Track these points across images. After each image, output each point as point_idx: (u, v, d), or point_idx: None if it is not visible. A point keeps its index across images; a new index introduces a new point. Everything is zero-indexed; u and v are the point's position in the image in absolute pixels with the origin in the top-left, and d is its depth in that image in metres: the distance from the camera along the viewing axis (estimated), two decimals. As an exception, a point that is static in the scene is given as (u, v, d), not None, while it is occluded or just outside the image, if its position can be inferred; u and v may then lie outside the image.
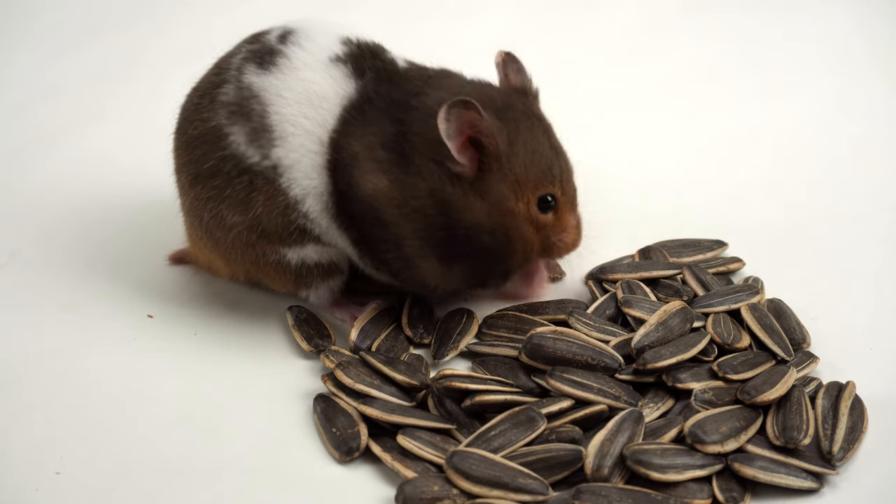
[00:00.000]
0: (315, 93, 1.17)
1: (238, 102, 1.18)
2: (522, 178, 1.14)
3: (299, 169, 1.17)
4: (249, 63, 1.20)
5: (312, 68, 1.18)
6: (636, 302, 1.18)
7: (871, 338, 1.22)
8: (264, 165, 1.17)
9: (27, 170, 1.57)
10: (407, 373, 1.12)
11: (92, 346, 1.23)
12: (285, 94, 1.17)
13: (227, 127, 1.18)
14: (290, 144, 1.17)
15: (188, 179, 1.23)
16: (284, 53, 1.19)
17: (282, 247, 1.21)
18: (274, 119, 1.17)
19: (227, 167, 1.19)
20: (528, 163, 1.15)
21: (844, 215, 1.43)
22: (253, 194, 1.18)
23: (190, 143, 1.22)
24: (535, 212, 1.16)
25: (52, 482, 1.05)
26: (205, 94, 1.22)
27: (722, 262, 1.31)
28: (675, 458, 1.01)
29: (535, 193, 1.15)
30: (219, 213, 1.20)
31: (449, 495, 0.99)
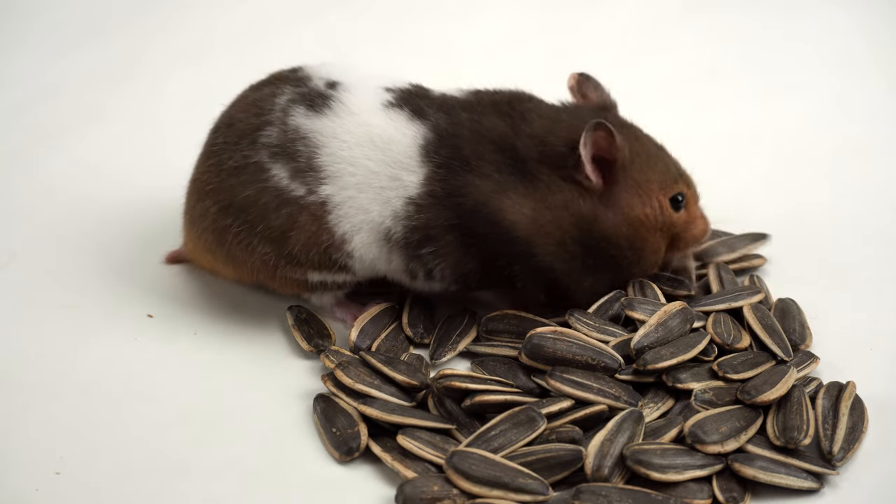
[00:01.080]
0: (378, 136, 1.18)
1: (282, 145, 1.18)
2: (645, 184, 1.20)
3: (352, 205, 1.18)
4: (297, 105, 1.20)
5: (370, 112, 1.19)
6: (638, 304, 1.18)
7: (871, 338, 1.22)
8: (310, 200, 1.18)
9: (27, 170, 1.57)
10: (407, 373, 1.12)
11: (92, 346, 1.23)
12: (343, 136, 1.18)
13: (268, 163, 1.18)
14: (344, 182, 1.17)
15: (217, 207, 1.21)
16: (338, 98, 1.20)
17: (310, 271, 1.21)
18: (324, 160, 1.18)
19: (266, 198, 1.18)
20: (646, 167, 1.21)
21: (844, 215, 1.44)
22: (291, 233, 1.18)
23: (224, 170, 1.21)
24: (670, 213, 1.21)
25: (52, 482, 1.05)
26: (244, 135, 1.21)
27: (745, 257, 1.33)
28: (675, 458, 1.01)
29: (665, 195, 1.21)
30: (249, 243, 1.20)
31: (449, 495, 0.99)
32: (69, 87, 1.76)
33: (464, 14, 1.94)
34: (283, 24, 1.87)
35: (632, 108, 1.70)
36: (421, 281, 1.23)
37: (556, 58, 1.80)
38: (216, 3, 1.94)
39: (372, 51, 1.78)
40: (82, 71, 1.79)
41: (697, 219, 1.25)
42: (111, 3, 1.94)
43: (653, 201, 1.20)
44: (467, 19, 1.92)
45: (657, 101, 1.72)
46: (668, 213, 1.21)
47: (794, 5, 1.89)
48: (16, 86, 1.76)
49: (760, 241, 1.35)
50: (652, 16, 1.91)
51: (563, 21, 1.91)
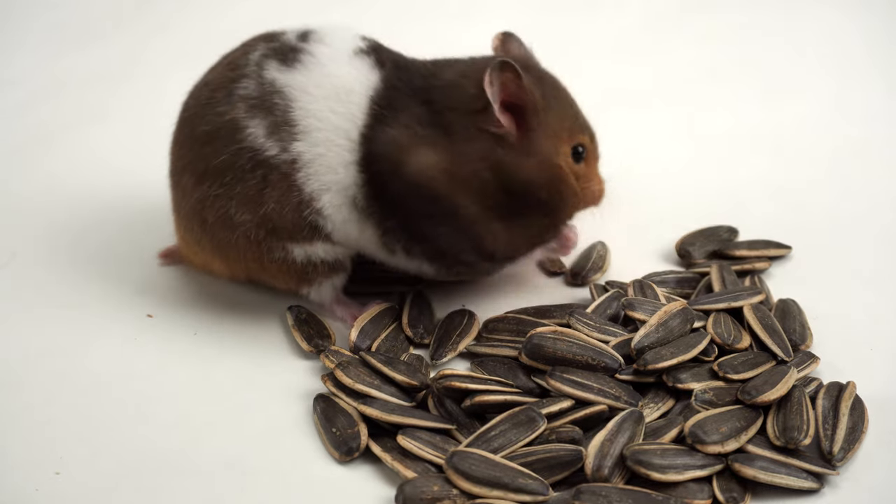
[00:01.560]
0: (342, 87, 1.18)
1: (259, 97, 1.18)
2: (559, 131, 1.19)
3: (321, 163, 1.17)
4: (270, 59, 1.20)
5: (338, 62, 1.19)
6: (639, 304, 1.18)
7: (871, 338, 1.22)
8: (282, 159, 1.17)
9: (27, 170, 1.57)
10: (407, 373, 1.12)
11: (92, 346, 1.23)
12: (312, 90, 1.18)
13: (245, 120, 1.18)
14: (313, 139, 1.17)
15: (194, 178, 1.21)
16: (308, 50, 1.20)
17: (290, 243, 1.21)
18: (298, 114, 1.17)
19: (241, 161, 1.18)
20: (561, 115, 1.20)
21: (844, 215, 1.43)
22: (266, 190, 1.18)
23: (198, 139, 1.21)
24: (571, 162, 1.20)
25: (52, 482, 1.05)
26: (218, 89, 1.21)
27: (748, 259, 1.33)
28: (675, 458, 1.01)
29: (569, 144, 1.20)
30: (226, 213, 1.20)
31: (449, 495, 0.99)
32: (70, 86, 1.76)
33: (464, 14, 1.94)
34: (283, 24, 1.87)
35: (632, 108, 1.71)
36: (402, 258, 1.22)
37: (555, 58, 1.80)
38: (216, 3, 1.94)
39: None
40: (82, 71, 1.80)
41: (595, 178, 1.24)
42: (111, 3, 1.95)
43: (565, 148, 1.20)
44: (467, 19, 1.92)
45: (657, 101, 1.73)
46: (569, 163, 1.20)
47: (794, 5, 1.89)
48: (16, 85, 1.77)
49: (781, 249, 1.35)
50: (651, 16, 1.92)
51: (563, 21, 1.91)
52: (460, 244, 1.19)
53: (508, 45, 1.25)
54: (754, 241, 1.36)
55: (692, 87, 1.74)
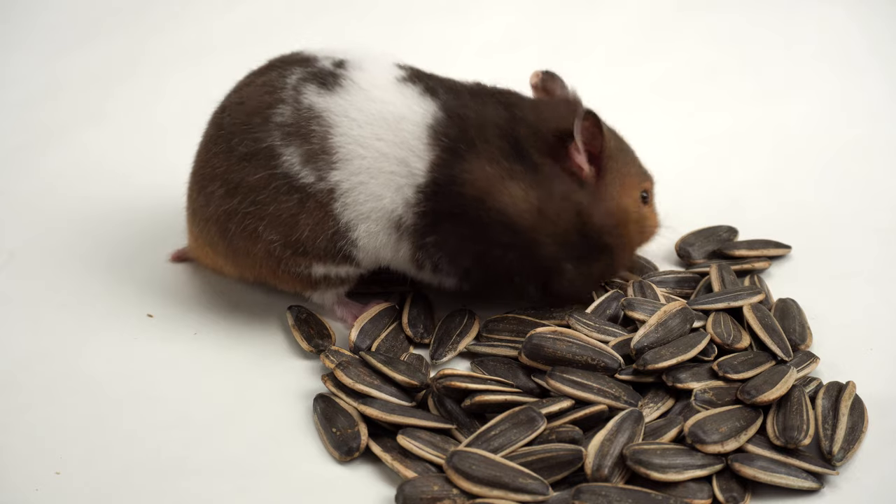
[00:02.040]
0: (390, 113, 1.17)
1: (296, 123, 1.17)
2: (626, 176, 1.23)
3: (362, 192, 1.17)
4: (309, 83, 1.19)
5: (382, 89, 1.18)
6: (638, 304, 1.18)
7: (871, 338, 1.22)
8: (318, 188, 1.17)
9: (27, 170, 1.57)
10: (407, 373, 1.12)
11: (92, 346, 1.23)
12: (354, 114, 1.17)
13: (280, 147, 1.17)
14: (354, 167, 1.17)
15: (223, 189, 1.19)
16: (349, 77, 1.19)
17: (315, 263, 1.21)
18: (338, 140, 1.16)
19: (277, 183, 1.17)
20: (628, 161, 1.25)
21: (844, 215, 1.44)
22: (301, 216, 1.17)
23: (235, 155, 1.19)
24: (640, 206, 1.25)
25: (52, 482, 1.05)
26: (254, 113, 1.19)
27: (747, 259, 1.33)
28: (675, 458, 1.01)
29: (638, 190, 1.25)
30: (254, 229, 1.19)
31: (449, 495, 0.99)
32: (69, 86, 1.76)
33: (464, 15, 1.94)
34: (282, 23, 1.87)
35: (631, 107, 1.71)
36: (428, 272, 1.23)
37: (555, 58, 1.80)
38: (216, 3, 1.94)
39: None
40: (82, 71, 1.79)
41: (654, 216, 1.29)
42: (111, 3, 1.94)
43: (634, 193, 1.24)
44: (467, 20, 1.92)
45: (657, 101, 1.73)
46: (639, 206, 1.25)
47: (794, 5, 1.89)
48: (16, 85, 1.76)
49: (781, 248, 1.35)
50: (651, 16, 1.91)
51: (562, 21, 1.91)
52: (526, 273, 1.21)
53: (551, 86, 1.27)
54: (754, 240, 1.36)
55: (692, 86, 1.74)
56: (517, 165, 1.18)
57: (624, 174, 1.23)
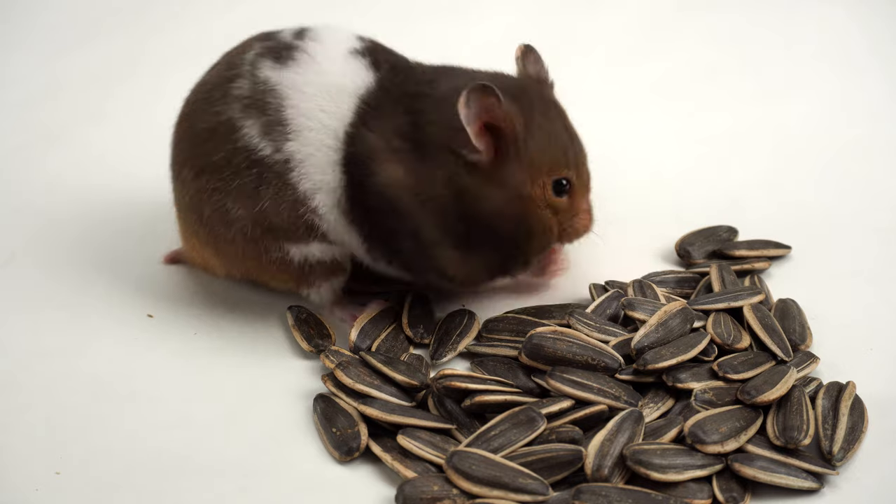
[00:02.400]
0: (333, 84, 1.17)
1: (252, 96, 1.18)
2: (538, 163, 1.15)
3: (312, 164, 1.17)
4: (265, 58, 1.20)
5: (332, 60, 1.19)
6: (638, 304, 1.18)
7: (871, 338, 1.22)
8: (276, 159, 1.17)
9: (27, 170, 1.57)
10: (407, 373, 1.12)
11: (92, 346, 1.23)
12: (304, 88, 1.17)
13: (240, 120, 1.18)
14: (304, 138, 1.17)
15: (192, 172, 1.22)
16: (302, 48, 1.20)
17: (286, 243, 1.21)
18: (290, 112, 1.17)
19: (238, 159, 1.18)
20: (543, 147, 1.15)
21: (844, 215, 1.43)
22: (261, 187, 1.18)
23: (198, 136, 1.21)
24: (551, 196, 1.17)
25: (52, 482, 1.05)
26: (215, 88, 1.21)
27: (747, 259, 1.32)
28: (675, 458, 1.01)
29: (550, 177, 1.16)
30: (223, 207, 1.20)
31: (449, 495, 0.99)
32: (69, 86, 1.76)
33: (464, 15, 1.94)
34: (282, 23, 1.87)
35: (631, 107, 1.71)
36: (384, 265, 1.22)
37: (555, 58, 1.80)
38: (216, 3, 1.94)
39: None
40: (82, 71, 1.79)
41: (581, 212, 1.20)
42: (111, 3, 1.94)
43: (540, 181, 1.16)
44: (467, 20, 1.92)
45: (657, 101, 1.72)
46: (549, 196, 1.16)
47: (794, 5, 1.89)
48: (16, 85, 1.76)
49: (781, 249, 1.35)
50: (651, 15, 1.91)
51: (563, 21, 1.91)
52: (420, 263, 1.19)
53: (526, 60, 1.24)
54: (754, 241, 1.36)
55: (692, 86, 1.74)
56: (404, 143, 1.14)
57: (534, 159, 1.14)
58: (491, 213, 1.15)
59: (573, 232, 1.21)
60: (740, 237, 1.39)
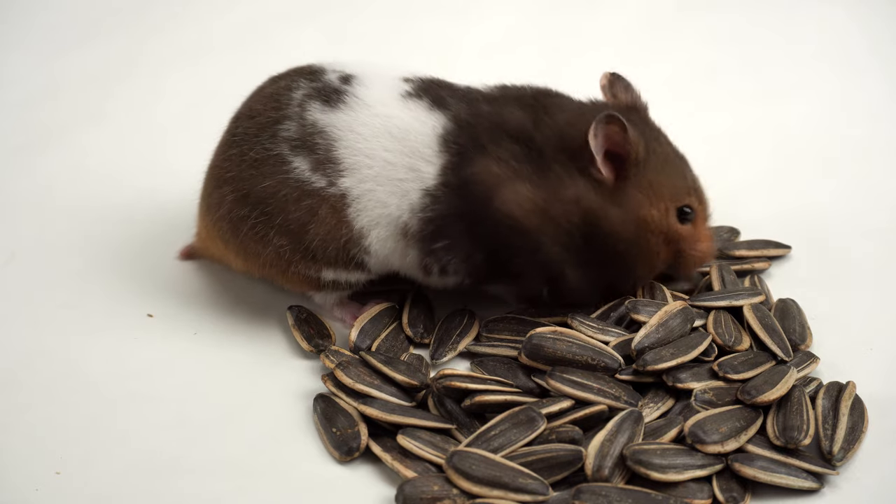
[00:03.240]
0: (396, 126, 1.18)
1: (301, 138, 1.18)
2: (657, 186, 1.18)
3: (371, 198, 1.17)
4: (313, 100, 1.20)
5: (386, 105, 1.19)
6: (643, 306, 1.18)
7: (871, 338, 1.22)
8: (330, 192, 1.17)
9: (27, 170, 1.57)
10: (407, 373, 1.12)
11: (92, 346, 1.23)
12: (358, 129, 1.18)
13: (289, 156, 1.18)
14: (361, 175, 1.17)
15: (235, 196, 1.21)
16: (352, 93, 1.20)
17: (325, 268, 1.21)
18: (342, 153, 1.18)
19: (287, 190, 1.18)
20: (661, 170, 1.19)
21: (844, 215, 1.43)
22: (311, 225, 1.18)
23: (246, 161, 1.20)
24: (674, 222, 1.20)
25: (52, 482, 1.05)
26: (264, 128, 1.20)
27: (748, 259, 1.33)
28: (675, 458, 1.01)
29: (673, 204, 1.19)
30: (264, 235, 1.20)
31: (449, 495, 0.99)
32: (69, 86, 1.76)
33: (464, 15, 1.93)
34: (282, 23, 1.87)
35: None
36: (435, 276, 1.23)
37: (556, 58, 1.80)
38: (216, 3, 1.94)
39: (372, 50, 1.78)
40: (82, 71, 1.79)
41: (703, 239, 1.23)
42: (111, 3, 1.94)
43: (660, 205, 1.18)
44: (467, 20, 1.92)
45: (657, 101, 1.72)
46: (672, 222, 1.19)
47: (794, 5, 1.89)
48: (16, 85, 1.76)
49: (780, 249, 1.35)
50: (651, 16, 1.91)
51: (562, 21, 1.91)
52: (534, 274, 1.20)
53: (616, 89, 1.25)
54: (754, 240, 1.36)
55: (692, 86, 1.74)
56: (527, 166, 1.16)
57: (655, 183, 1.18)
58: (609, 233, 1.17)
59: (698, 258, 1.23)
60: (741, 237, 1.38)
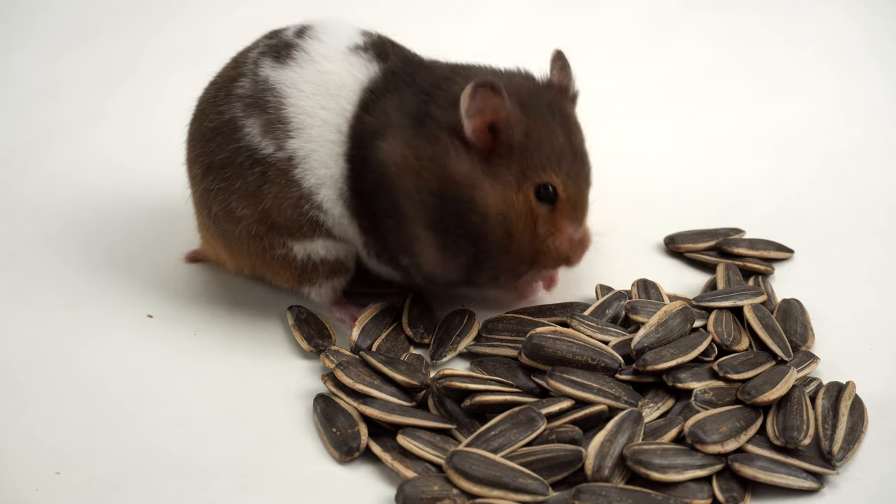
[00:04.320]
0: (333, 83, 1.18)
1: (253, 95, 1.19)
2: (528, 170, 1.13)
3: (316, 158, 1.18)
4: (266, 57, 1.22)
5: (331, 59, 1.19)
6: (641, 307, 1.18)
7: (871, 338, 1.22)
8: (278, 157, 1.18)
9: (27, 170, 1.57)
10: (407, 373, 1.12)
11: (92, 346, 1.23)
12: (302, 86, 1.18)
13: (241, 119, 1.19)
14: (306, 135, 1.18)
15: (200, 170, 1.24)
16: (302, 47, 1.21)
17: (290, 240, 1.21)
18: (290, 111, 1.18)
19: (240, 158, 1.19)
20: (536, 154, 1.13)
21: (845, 215, 1.43)
22: (264, 186, 1.19)
23: (205, 135, 1.23)
24: (532, 199, 1.13)
25: (52, 482, 1.05)
26: (221, 88, 1.23)
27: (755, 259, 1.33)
28: (675, 458, 1.01)
29: (533, 181, 1.13)
30: (228, 205, 1.21)
31: (449, 495, 0.99)
32: (70, 86, 1.76)
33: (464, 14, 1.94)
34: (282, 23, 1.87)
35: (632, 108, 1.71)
36: (376, 262, 1.22)
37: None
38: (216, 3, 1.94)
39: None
40: (83, 71, 1.80)
41: (561, 233, 1.15)
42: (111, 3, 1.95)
43: (525, 186, 1.12)
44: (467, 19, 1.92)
45: (658, 101, 1.73)
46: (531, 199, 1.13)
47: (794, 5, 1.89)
48: (16, 85, 1.77)
49: (782, 251, 1.35)
50: (651, 16, 1.92)
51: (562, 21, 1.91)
52: (399, 249, 1.18)
53: (553, 66, 1.21)
54: (756, 240, 1.36)
55: (693, 86, 1.74)
56: (405, 120, 1.13)
57: (527, 167, 1.12)
58: (471, 202, 1.12)
59: (549, 252, 1.16)
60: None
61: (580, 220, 1.17)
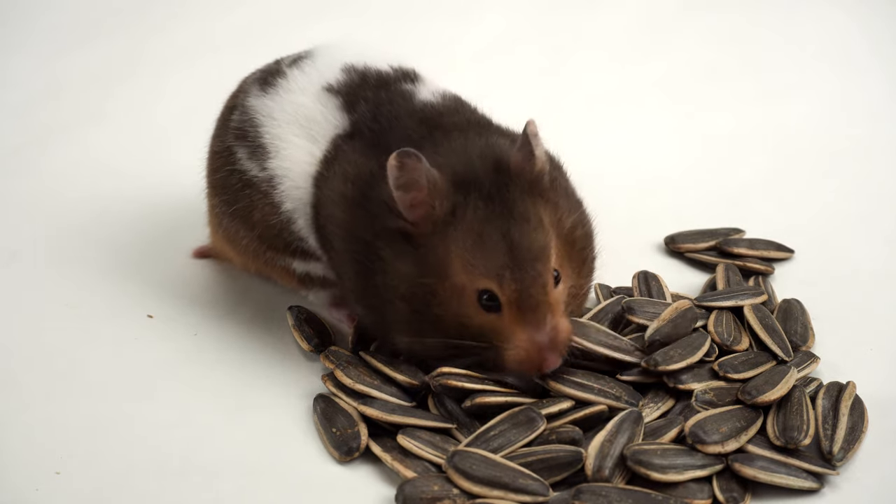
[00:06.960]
0: (304, 116, 1.19)
1: (240, 126, 1.22)
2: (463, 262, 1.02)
3: (291, 178, 1.18)
4: (255, 85, 1.24)
5: (305, 93, 1.20)
6: (639, 307, 1.18)
7: (871, 338, 1.22)
8: (261, 177, 1.20)
9: (27, 170, 1.57)
10: (407, 373, 1.12)
11: (92, 346, 1.23)
12: (276, 115, 1.20)
13: (235, 147, 1.22)
14: (282, 156, 1.19)
15: (209, 189, 1.29)
16: (286, 76, 1.22)
17: (288, 258, 1.23)
18: (266, 140, 1.20)
19: (234, 180, 1.22)
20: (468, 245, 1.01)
21: (845, 215, 1.44)
22: (254, 212, 1.21)
23: (210, 157, 1.28)
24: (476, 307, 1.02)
25: (52, 482, 1.05)
26: (223, 115, 1.27)
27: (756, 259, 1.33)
28: (675, 458, 1.01)
29: (473, 285, 1.01)
30: (230, 225, 1.25)
31: (449, 495, 0.99)
32: (69, 86, 1.76)
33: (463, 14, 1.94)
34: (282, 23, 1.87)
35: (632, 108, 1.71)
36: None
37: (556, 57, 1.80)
38: (216, 3, 1.94)
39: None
40: (82, 71, 1.80)
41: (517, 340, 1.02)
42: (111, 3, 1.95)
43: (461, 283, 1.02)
44: (467, 19, 1.92)
45: (657, 102, 1.73)
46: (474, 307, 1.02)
47: (794, 5, 1.90)
48: (16, 86, 1.77)
49: (782, 252, 1.35)
50: (651, 16, 1.92)
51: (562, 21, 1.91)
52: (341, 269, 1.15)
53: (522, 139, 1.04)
54: (756, 240, 1.36)
55: (692, 87, 1.74)
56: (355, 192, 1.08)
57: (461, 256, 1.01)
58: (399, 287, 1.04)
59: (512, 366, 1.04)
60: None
61: (537, 319, 1.01)
